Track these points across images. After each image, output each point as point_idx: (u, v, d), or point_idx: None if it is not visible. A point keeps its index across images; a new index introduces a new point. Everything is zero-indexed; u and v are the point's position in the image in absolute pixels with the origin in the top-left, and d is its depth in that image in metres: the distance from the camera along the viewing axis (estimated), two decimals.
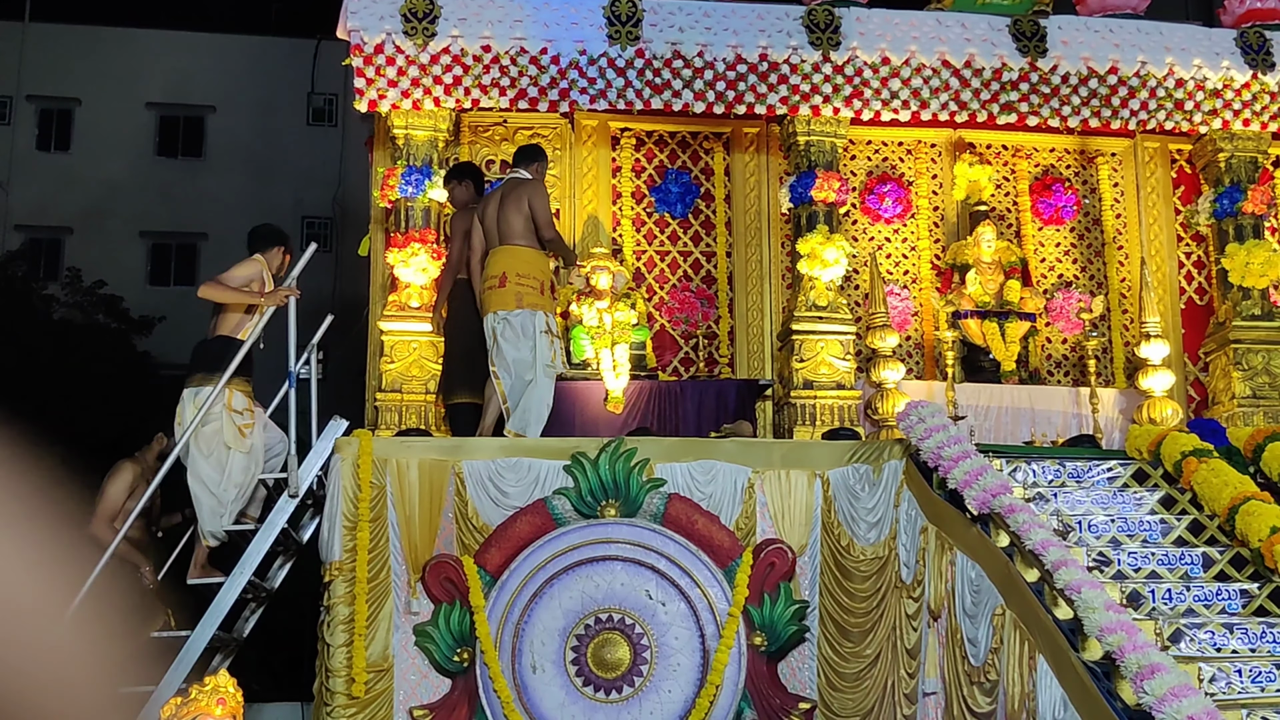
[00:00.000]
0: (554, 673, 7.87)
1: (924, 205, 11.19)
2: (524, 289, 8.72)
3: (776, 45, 9.81)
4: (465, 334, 9.03)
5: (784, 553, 8.13)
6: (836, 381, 9.73)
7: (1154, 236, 11.21)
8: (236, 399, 7.94)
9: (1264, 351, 10.22)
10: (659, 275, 10.78)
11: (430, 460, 8.12)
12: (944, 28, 10.09)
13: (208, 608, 7.64)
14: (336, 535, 7.82)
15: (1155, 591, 7.10)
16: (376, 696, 7.76)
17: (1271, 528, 7.18)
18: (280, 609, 10.53)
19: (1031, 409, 10.38)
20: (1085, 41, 10.15)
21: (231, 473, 7.91)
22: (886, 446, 8.54)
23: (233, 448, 7.91)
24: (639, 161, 10.92)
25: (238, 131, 25.70)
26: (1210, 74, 10.21)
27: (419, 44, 9.47)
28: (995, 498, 7.25)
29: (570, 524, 8.06)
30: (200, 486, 7.92)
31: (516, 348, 8.65)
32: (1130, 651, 5.89)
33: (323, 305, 19.08)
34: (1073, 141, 11.34)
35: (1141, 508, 8.10)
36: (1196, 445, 8.12)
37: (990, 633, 7.04)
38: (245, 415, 7.99)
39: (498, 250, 8.90)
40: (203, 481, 7.91)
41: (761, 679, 8.00)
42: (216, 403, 7.82)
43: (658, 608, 8.00)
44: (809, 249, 9.82)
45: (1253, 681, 6.36)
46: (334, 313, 9.35)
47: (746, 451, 8.49)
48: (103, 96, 25.12)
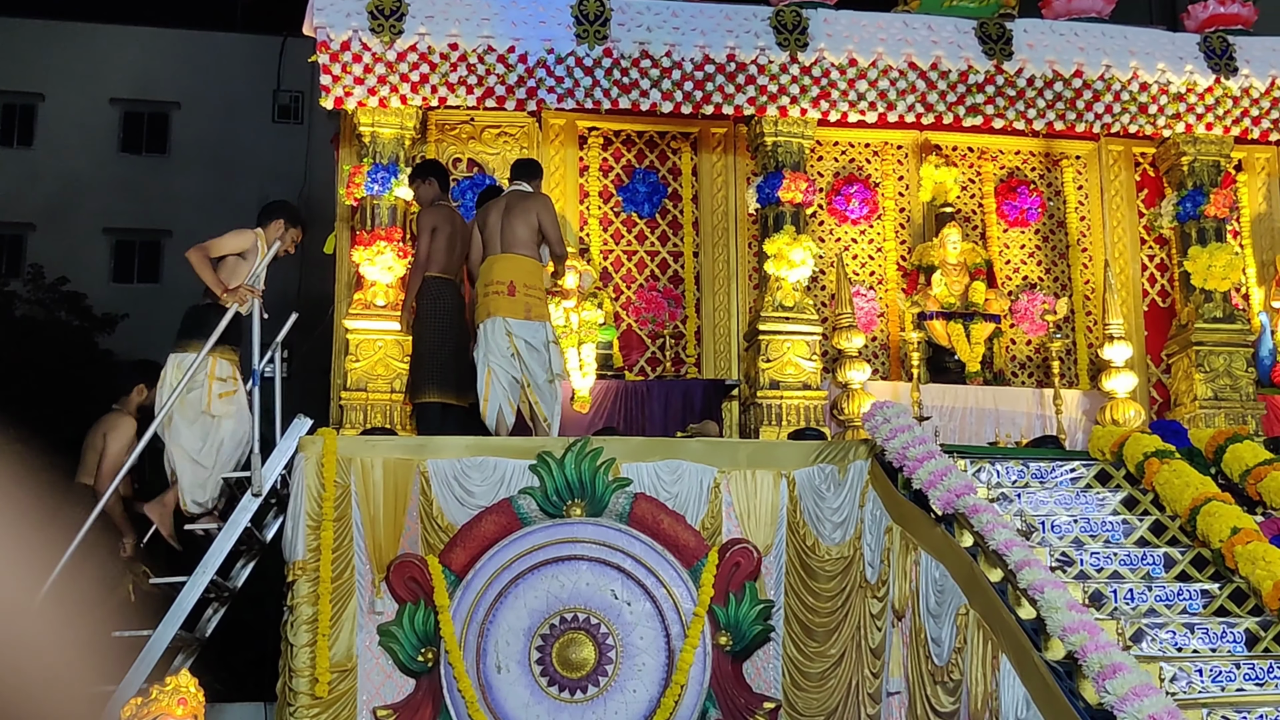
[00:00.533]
0: (519, 673, 7.86)
1: (890, 207, 11.23)
2: (532, 299, 8.83)
3: (744, 46, 9.82)
4: (434, 332, 8.98)
5: (749, 552, 8.15)
6: (803, 382, 9.75)
7: (1118, 239, 11.29)
8: (221, 366, 7.93)
9: (1225, 353, 10.30)
10: (626, 275, 10.77)
11: (395, 459, 8.09)
12: (911, 30, 10.12)
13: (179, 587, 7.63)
14: (300, 534, 7.78)
15: (1117, 591, 7.15)
16: (340, 696, 7.72)
17: (1232, 528, 7.25)
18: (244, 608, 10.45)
19: (996, 410, 10.43)
20: (1050, 45, 10.20)
21: (222, 440, 7.91)
22: (852, 447, 8.56)
23: (217, 415, 7.88)
24: (606, 161, 10.90)
25: (202, 128, 25.51)
26: (1174, 78, 10.29)
27: (385, 41, 9.42)
28: (959, 498, 7.29)
29: (536, 523, 8.05)
30: (181, 454, 7.90)
31: (530, 359, 8.76)
32: (1092, 651, 5.93)
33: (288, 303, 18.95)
34: (1038, 144, 11.39)
35: (1104, 508, 8.15)
36: (1159, 446, 8.18)
37: (954, 632, 7.07)
38: (228, 383, 7.96)
39: (502, 258, 8.90)
40: (184, 449, 7.89)
41: (726, 678, 8.00)
42: (200, 370, 7.80)
43: (623, 607, 7.99)
44: (776, 249, 9.84)
45: (1213, 681, 6.42)
46: (299, 311, 9.30)
47: (712, 451, 8.49)
48: (66, 92, 24.88)
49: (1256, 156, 11.50)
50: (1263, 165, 11.54)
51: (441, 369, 8.92)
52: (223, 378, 7.93)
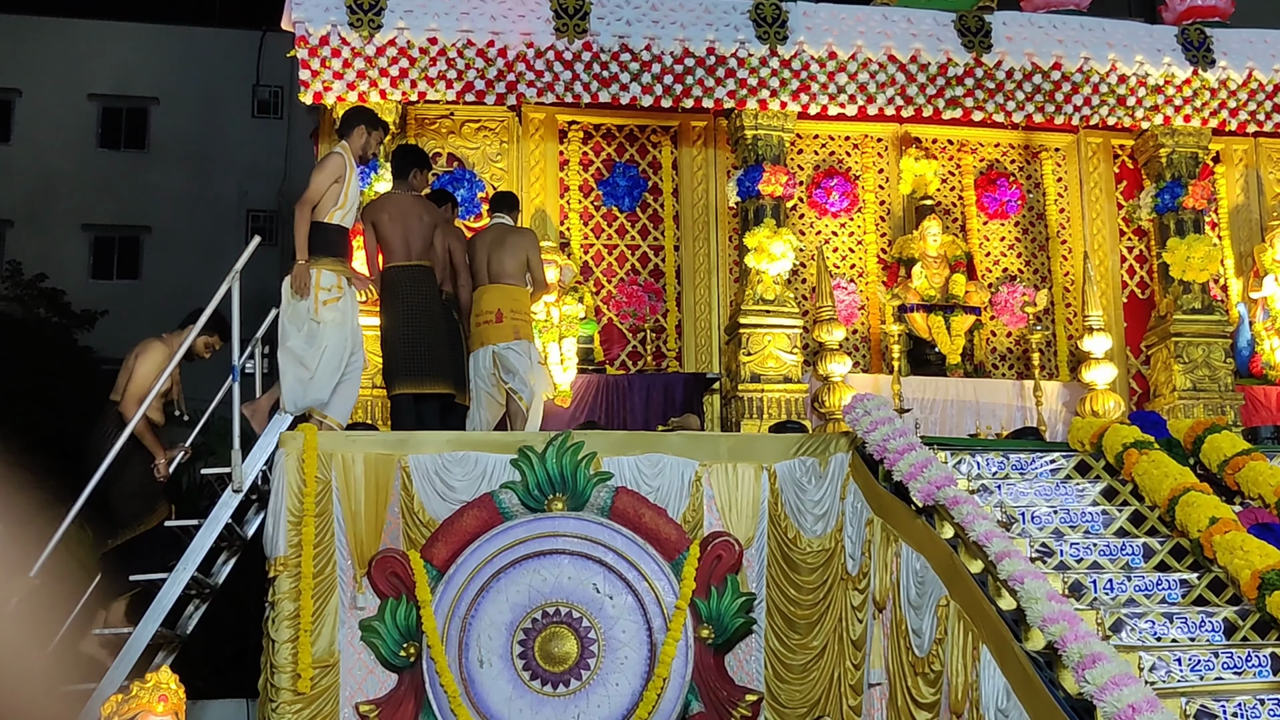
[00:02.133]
0: (501, 667, 7.85)
1: (870, 199, 11.26)
2: (519, 323, 9.06)
3: (724, 39, 9.83)
4: (406, 324, 8.91)
5: (731, 545, 8.15)
6: (784, 375, 9.78)
7: (1097, 231, 11.34)
8: (325, 277, 8.26)
9: (1204, 345, 10.36)
10: (607, 269, 10.77)
11: (376, 455, 8.06)
12: (890, 23, 10.15)
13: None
14: (281, 530, 7.75)
15: (1097, 582, 7.17)
16: (322, 692, 7.70)
17: (1210, 518, 7.27)
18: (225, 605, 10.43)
19: (976, 402, 10.47)
20: (1029, 37, 10.24)
21: (325, 346, 8.21)
22: (833, 439, 8.58)
23: (322, 321, 8.20)
24: (587, 155, 10.91)
25: (182, 123, 25.43)
26: (1152, 70, 10.33)
27: (364, 36, 9.41)
28: (940, 490, 7.31)
29: (517, 518, 8.04)
30: (287, 356, 8.19)
31: (515, 363, 8.93)
32: (1072, 641, 5.94)
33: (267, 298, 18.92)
34: (1017, 136, 11.43)
35: (1084, 499, 8.18)
36: (1138, 437, 8.21)
37: (934, 624, 7.09)
38: (333, 291, 8.29)
39: (490, 289, 9.07)
40: (290, 351, 8.19)
41: (709, 671, 8.01)
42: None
43: (605, 601, 8.00)
44: (756, 243, 9.86)
45: (1191, 670, 6.43)
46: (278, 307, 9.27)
47: (694, 445, 8.49)
48: (44, 87, 24.78)
49: (1234, 148, 11.57)
50: (1240, 157, 11.61)
51: (415, 361, 8.86)
52: (327, 287, 8.26)
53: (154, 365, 8.30)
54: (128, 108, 25.52)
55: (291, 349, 8.22)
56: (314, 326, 8.24)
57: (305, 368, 8.22)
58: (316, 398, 8.25)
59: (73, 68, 24.86)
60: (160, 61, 25.44)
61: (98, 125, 25.36)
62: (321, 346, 8.24)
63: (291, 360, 8.21)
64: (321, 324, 8.24)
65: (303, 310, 8.22)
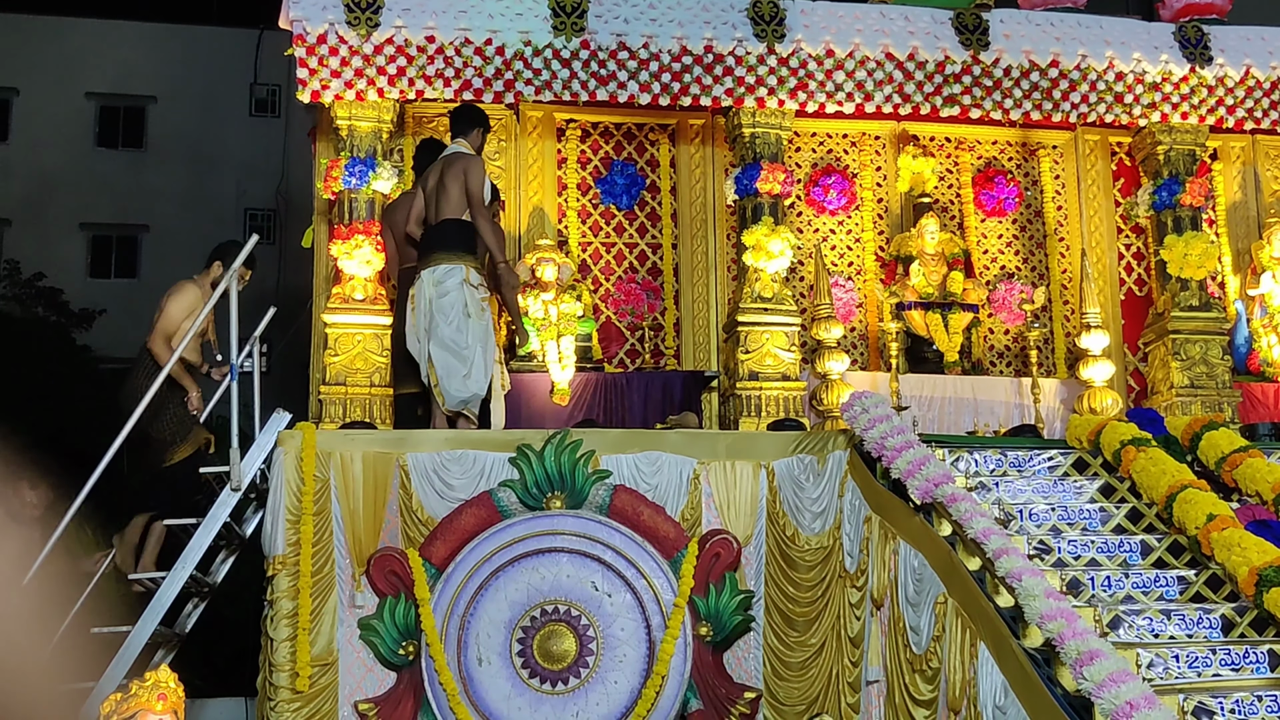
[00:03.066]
0: (500, 665, 7.87)
1: (868, 197, 11.26)
2: None
3: (721, 37, 9.82)
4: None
5: (729, 543, 8.17)
6: (782, 373, 9.76)
7: (1094, 228, 11.34)
8: (472, 274, 8.60)
9: (1201, 342, 10.35)
10: (605, 267, 10.77)
11: (374, 453, 8.08)
12: (888, 20, 10.15)
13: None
14: (279, 529, 7.77)
15: (1095, 579, 7.18)
16: (321, 690, 7.72)
17: (1208, 515, 7.29)
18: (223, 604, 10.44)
19: (974, 399, 10.46)
20: (1027, 35, 10.24)
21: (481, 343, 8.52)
22: (831, 437, 8.59)
23: (472, 318, 8.50)
24: (584, 153, 10.90)
25: (179, 122, 25.38)
26: (1149, 67, 10.33)
27: (362, 34, 9.40)
28: (938, 487, 7.32)
29: (516, 516, 8.05)
30: (441, 350, 8.45)
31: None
32: (1070, 638, 5.96)
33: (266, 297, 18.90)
34: (1014, 134, 11.43)
35: (1081, 496, 8.19)
36: (1135, 434, 8.22)
37: (932, 621, 7.10)
38: (482, 289, 8.67)
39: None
40: (444, 344, 8.44)
41: (707, 669, 8.03)
42: (453, 277, 8.50)
43: (603, 599, 8.01)
44: (754, 241, 9.85)
45: (1189, 666, 6.45)
46: (277, 305, 9.31)
47: (692, 443, 8.51)
48: (41, 86, 24.73)
49: (1231, 145, 11.56)
50: (1238, 154, 11.61)
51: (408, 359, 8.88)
52: (475, 284, 8.63)
53: (185, 305, 8.42)
54: (125, 106, 25.45)
55: (447, 341, 8.45)
56: (463, 320, 8.46)
57: (462, 360, 8.41)
58: (475, 392, 8.50)
59: (70, 66, 24.81)
60: (158, 60, 25.39)
61: (95, 124, 25.29)
62: (476, 343, 8.50)
63: (446, 354, 8.43)
64: (470, 318, 8.51)
65: (452, 303, 8.46)
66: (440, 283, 8.60)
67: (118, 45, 25.22)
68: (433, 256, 8.69)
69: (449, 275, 8.60)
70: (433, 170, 9.03)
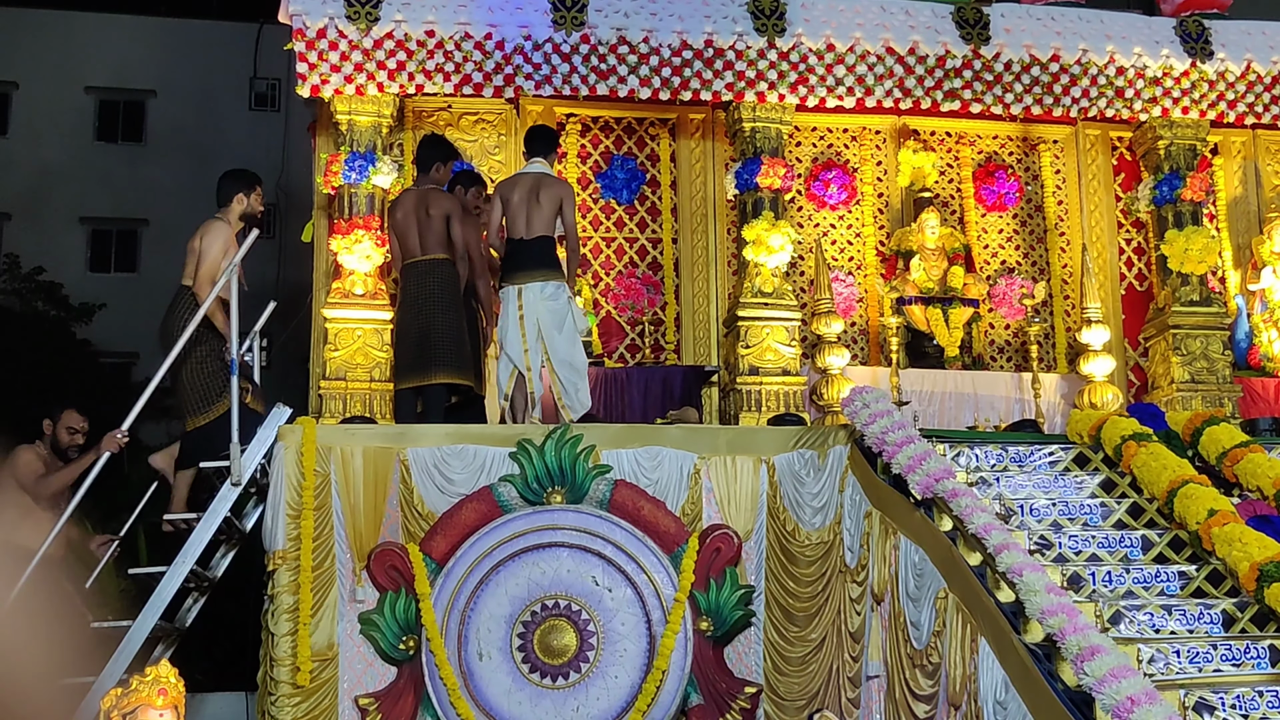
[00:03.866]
0: (500, 660, 7.86)
1: (869, 192, 11.26)
2: None
3: (722, 31, 9.80)
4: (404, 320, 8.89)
5: (730, 538, 8.16)
6: (782, 367, 9.76)
7: (1095, 223, 11.33)
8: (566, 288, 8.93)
9: (1202, 337, 10.35)
10: (605, 261, 10.77)
11: (375, 448, 8.07)
12: (888, 14, 10.12)
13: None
14: (280, 524, 7.76)
15: (1095, 574, 7.18)
16: (321, 685, 7.71)
17: (1209, 510, 7.28)
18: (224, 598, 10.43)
19: (975, 394, 10.47)
20: (1027, 29, 10.22)
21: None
22: (831, 432, 8.58)
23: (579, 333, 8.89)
24: (585, 147, 10.90)
25: (179, 116, 25.37)
26: (1150, 62, 10.32)
27: (362, 28, 9.38)
28: (938, 482, 7.31)
29: (516, 511, 8.04)
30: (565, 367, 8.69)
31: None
32: (1071, 633, 5.95)
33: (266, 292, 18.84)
34: (1015, 128, 11.42)
35: (1082, 491, 8.19)
36: (1136, 429, 8.21)
37: (933, 616, 7.10)
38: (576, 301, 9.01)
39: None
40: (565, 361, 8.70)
41: (708, 664, 8.02)
42: (562, 294, 8.77)
43: (604, 594, 8.00)
44: (754, 235, 9.84)
45: (1190, 662, 6.44)
46: (277, 300, 9.28)
47: (692, 438, 8.50)
48: (41, 80, 24.72)
49: (1232, 140, 11.56)
50: (1238, 149, 11.60)
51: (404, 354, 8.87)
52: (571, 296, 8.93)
53: (222, 243, 8.32)
54: (125, 100, 25.45)
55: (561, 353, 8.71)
56: (572, 330, 8.80)
57: (581, 378, 8.75)
58: (586, 400, 8.73)
59: (70, 60, 24.80)
60: (157, 54, 25.37)
61: (95, 118, 25.29)
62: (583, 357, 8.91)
63: (565, 366, 8.70)
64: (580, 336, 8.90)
65: (558, 312, 8.71)
66: (552, 298, 8.75)
67: (118, 39, 25.21)
68: (537, 272, 8.78)
69: (558, 292, 8.79)
70: (518, 185, 9.00)
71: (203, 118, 25.33)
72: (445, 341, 8.75)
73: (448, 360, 8.74)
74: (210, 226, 8.41)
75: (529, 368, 8.71)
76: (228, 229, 8.41)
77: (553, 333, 8.71)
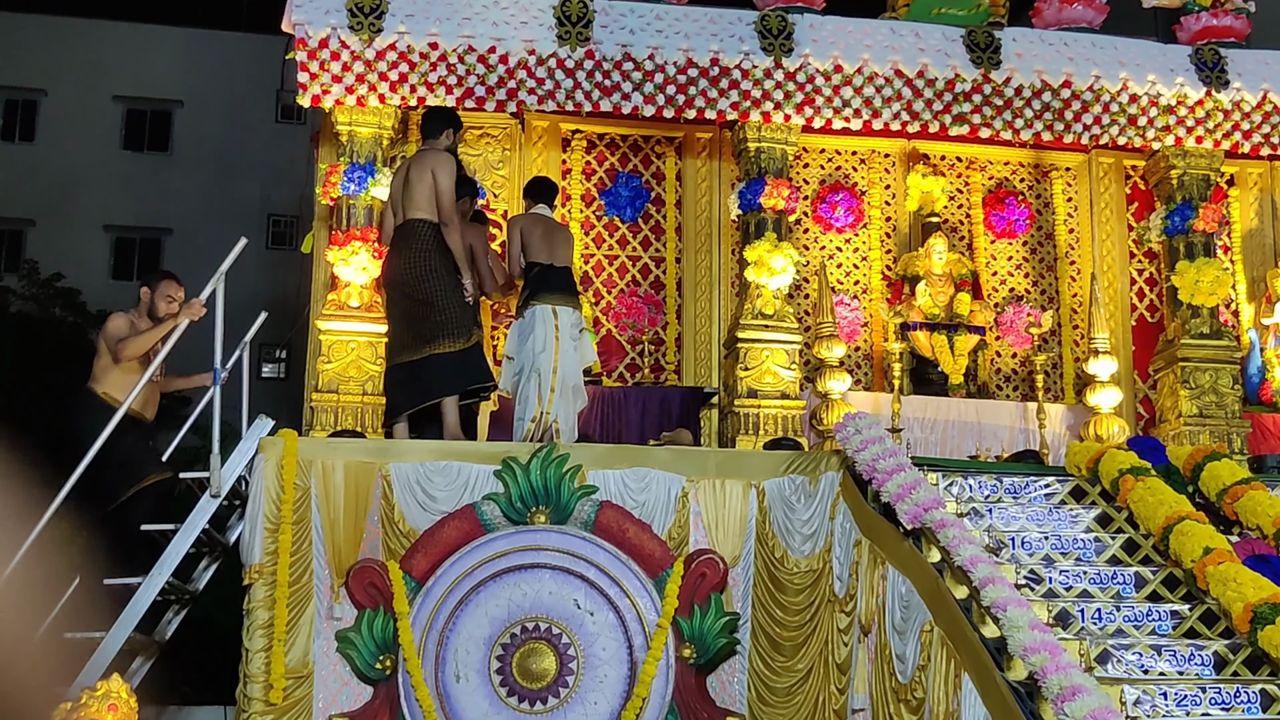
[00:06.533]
0: (478, 682, 7.74)
1: (876, 215, 11.11)
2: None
3: (728, 50, 9.68)
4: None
5: (715, 564, 8.01)
6: (781, 391, 9.59)
7: (1106, 252, 11.14)
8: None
9: (1211, 370, 10.11)
10: (607, 280, 10.66)
11: (357, 463, 7.97)
12: (898, 37, 9.98)
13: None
14: (257, 537, 7.66)
15: (1085, 611, 7.00)
16: (295, 704, 7.60)
17: (1204, 548, 7.09)
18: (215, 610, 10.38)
19: (978, 423, 10.29)
20: (1039, 54, 10.04)
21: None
22: (824, 458, 8.43)
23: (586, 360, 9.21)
24: (589, 164, 10.80)
25: (205, 127, 25.52)
26: (1164, 90, 10.12)
27: (364, 39, 9.31)
28: (927, 512, 7.15)
29: (499, 530, 7.93)
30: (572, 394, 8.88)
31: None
32: (1053, 672, 5.79)
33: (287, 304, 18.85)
34: (1027, 155, 11.26)
35: (1077, 525, 8.01)
36: (1134, 463, 8.02)
37: (918, 649, 6.93)
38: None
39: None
40: (573, 389, 8.89)
41: (689, 692, 7.87)
42: (582, 325, 9.09)
43: (585, 617, 7.87)
44: (756, 256, 9.70)
45: (1178, 705, 6.26)
46: (296, 311, 9.21)
47: (681, 460, 8.36)
48: (69, 88, 24.92)
49: (1249, 171, 11.35)
50: (1255, 180, 11.39)
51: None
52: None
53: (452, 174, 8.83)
54: (152, 110, 25.63)
55: (576, 390, 8.96)
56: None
57: (580, 403, 9.06)
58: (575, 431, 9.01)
59: (98, 69, 24.99)
60: (185, 65, 25.54)
61: (121, 127, 25.48)
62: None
63: (573, 399, 8.93)
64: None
65: (581, 357, 9.04)
66: (577, 326, 8.99)
67: (146, 49, 25.40)
68: (571, 298, 9.09)
69: (581, 322, 9.08)
70: (538, 223, 9.27)
71: (229, 129, 25.47)
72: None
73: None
74: (437, 159, 8.78)
75: (553, 388, 8.66)
76: (451, 159, 8.85)
77: (570, 358, 8.81)
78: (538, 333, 8.75)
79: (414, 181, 8.76)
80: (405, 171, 8.92)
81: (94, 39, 25.14)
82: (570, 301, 9.01)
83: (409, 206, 8.79)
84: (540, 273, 8.98)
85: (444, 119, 9.20)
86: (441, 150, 9.02)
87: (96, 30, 25.19)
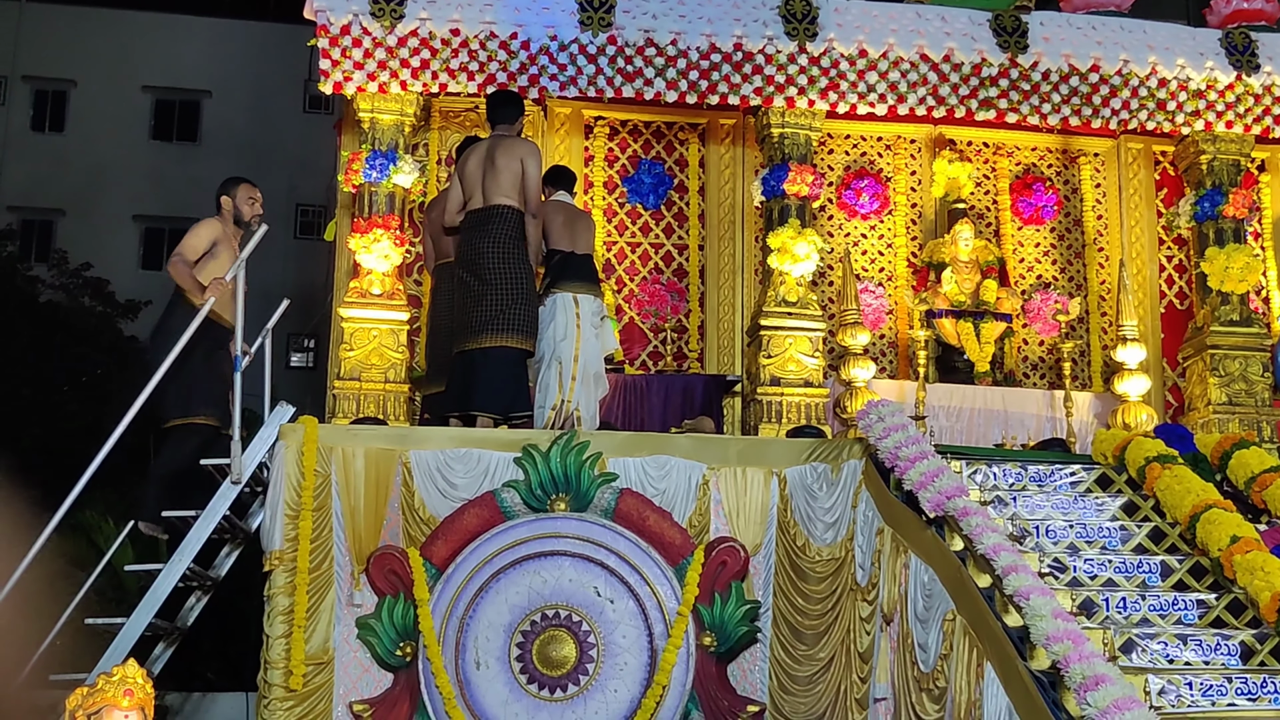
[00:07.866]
0: (498, 669, 7.72)
1: (902, 201, 11.02)
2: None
3: (752, 35, 9.60)
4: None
5: (736, 552, 7.97)
6: (804, 379, 9.52)
7: (1135, 239, 11.02)
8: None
9: (1241, 358, 9.97)
10: (629, 267, 10.62)
11: (377, 449, 7.94)
12: (923, 21, 9.87)
13: None
14: (278, 524, 7.65)
15: (1110, 600, 6.92)
16: (315, 690, 7.58)
17: (1232, 536, 7.00)
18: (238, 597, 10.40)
19: (1005, 411, 10.19)
20: (1067, 38, 9.92)
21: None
22: (846, 445, 8.35)
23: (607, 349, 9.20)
24: (612, 151, 10.76)
25: (234, 117, 25.61)
26: (1194, 74, 9.98)
27: (386, 26, 9.28)
28: (950, 500, 7.08)
29: (519, 517, 7.90)
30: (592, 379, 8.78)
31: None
32: (1075, 661, 5.72)
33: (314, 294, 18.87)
34: (1055, 140, 11.15)
35: (1103, 514, 7.91)
36: (1161, 451, 7.93)
37: (940, 638, 6.86)
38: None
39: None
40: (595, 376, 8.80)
41: (710, 680, 7.83)
42: (604, 312, 8.99)
43: (605, 605, 7.83)
44: (779, 243, 9.62)
45: (1203, 695, 6.18)
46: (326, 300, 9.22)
47: (702, 448, 8.31)
48: (98, 78, 25.05)
49: None
50: None
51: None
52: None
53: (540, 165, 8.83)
54: (181, 100, 25.74)
55: (598, 378, 8.88)
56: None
57: (601, 389, 8.97)
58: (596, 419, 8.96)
59: (127, 60, 25.11)
60: (214, 55, 25.63)
61: (150, 117, 25.60)
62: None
63: (594, 387, 8.85)
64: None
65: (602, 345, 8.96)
66: (599, 313, 8.90)
67: (174, 39, 25.49)
68: (594, 286, 8.97)
69: (602, 310, 8.96)
70: (561, 209, 9.09)
71: (257, 119, 25.56)
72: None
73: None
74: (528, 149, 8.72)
75: (574, 376, 8.61)
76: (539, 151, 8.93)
77: (592, 345, 8.74)
78: (559, 320, 8.70)
79: (501, 168, 8.58)
80: (488, 154, 8.69)
81: (123, 30, 25.26)
82: (592, 289, 8.91)
83: (493, 191, 8.59)
84: (561, 260, 8.92)
85: (518, 104, 9.09)
86: (529, 139, 9.00)
87: (125, 21, 25.31)
